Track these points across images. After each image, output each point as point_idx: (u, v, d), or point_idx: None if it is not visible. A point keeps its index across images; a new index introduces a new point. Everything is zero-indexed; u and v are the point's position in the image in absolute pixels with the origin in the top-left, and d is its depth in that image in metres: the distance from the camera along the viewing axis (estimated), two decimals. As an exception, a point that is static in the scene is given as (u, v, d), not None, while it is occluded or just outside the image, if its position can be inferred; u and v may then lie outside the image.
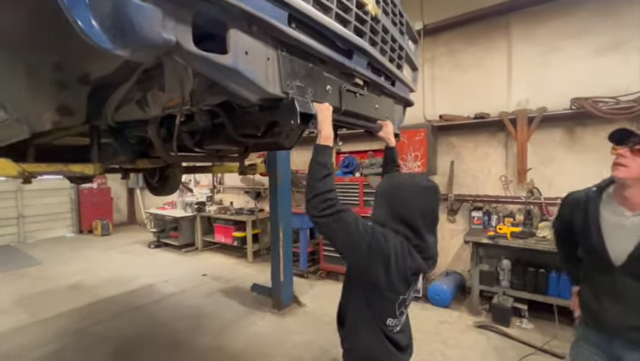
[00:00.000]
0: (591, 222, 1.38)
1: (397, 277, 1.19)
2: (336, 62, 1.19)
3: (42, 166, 1.70)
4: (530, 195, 3.74)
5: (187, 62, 0.80)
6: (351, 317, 1.34)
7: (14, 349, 3.10)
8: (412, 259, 1.21)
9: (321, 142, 1.19)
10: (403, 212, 1.24)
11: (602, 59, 3.36)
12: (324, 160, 1.17)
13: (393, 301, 1.27)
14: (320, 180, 1.14)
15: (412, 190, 1.28)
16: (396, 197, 1.28)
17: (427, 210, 1.29)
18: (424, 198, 1.28)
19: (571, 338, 3.01)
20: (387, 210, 1.28)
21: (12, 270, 5.57)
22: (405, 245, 1.21)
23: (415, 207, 1.25)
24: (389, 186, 1.34)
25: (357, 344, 1.34)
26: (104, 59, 1.27)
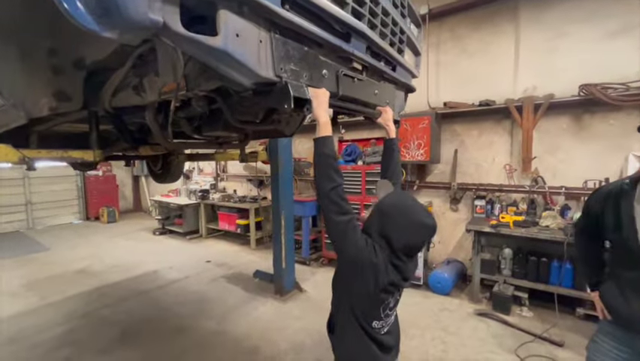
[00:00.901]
0: (624, 216, 1.33)
1: (383, 289, 1.24)
2: (332, 45, 1.16)
3: (42, 152, 1.71)
4: (534, 184, 3.70)
5: (176, 44, 0.78)
6: (339, 325, 1.38)
7: (26, 330, 3.20)
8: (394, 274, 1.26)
9: (320, 133, 1.19)
10: (393, 237, 1.27)
11: (612, 44, 3.25)
12: (330, 150, 1.20)
13: (378, 306, 1.30)
14: (335, 172, 1.18)
15: (410, 222, 1.29)
16: (393, 220, 1.29)
17: (416, 245, 1.32)
18: (419, 234, 1.31)
19: (571, 327, 3.05)
20: (379, 226, 1.30)
21: (21, 255, 5.71)
22: (386, 259, 1.25)
23: (407, 240, 1.28)
24: (391, 206, 1.35)
25: (344, 351, 1.39)
26: (98, 43, 1.26)
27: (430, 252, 4.44)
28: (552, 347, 2.78)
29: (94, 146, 1.83)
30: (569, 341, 2.82)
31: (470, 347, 2.80)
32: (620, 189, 1.38)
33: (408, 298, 3.77)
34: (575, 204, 3.54)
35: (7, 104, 1.27)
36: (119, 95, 1.55)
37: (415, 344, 2.87)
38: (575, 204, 3.53)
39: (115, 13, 0.67)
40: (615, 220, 1.36)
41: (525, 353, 2.68)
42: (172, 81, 1.12)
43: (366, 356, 1.34)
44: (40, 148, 1.91)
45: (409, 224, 1.28)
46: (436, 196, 4.47)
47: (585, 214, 1.58)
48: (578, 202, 3.52)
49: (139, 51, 1.24)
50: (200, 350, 2.84)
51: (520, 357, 2.64)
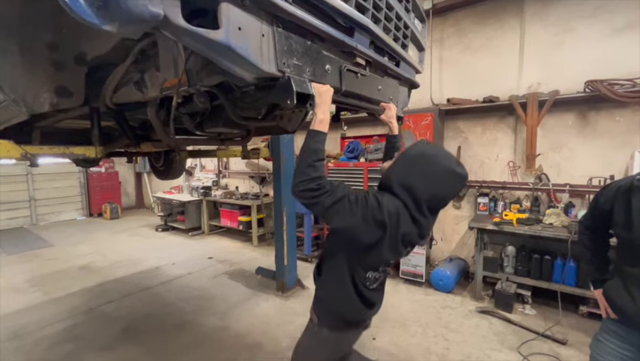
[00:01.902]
0: (634, 212, 1.31)
1: (389, 246, 1.19)
2: (336, 39, 1.14)
3: (44, 148, 1.71)
4: (538, 182, 3.67)
5: (177, 38, 0.77)
6: (328, 269, 1.37)
7: (30, 325, 3.22)
8: (406, 227, 1.19)
9: (314, 127, 1.16)
10: (418, 187, 1.19)
11: (619, 40, 3.20)
12: (316, 146, 1.15)
13: (379, 263, 1.28)
14: (309, 166, 1.12)
15: (441, 171, 1.20)
16: (419, 169, 1.21)
17: (443, 196, 1.25)
18: (448, 184, 1.22)
19: (574, 325, 3.03)
20: (402, 176, 1.22)
21: (25, 251, 5.75)
22: (401, 209, 1.18)
23: (434, 189, 1.20)
24: (419, 154, 1.26)
25: (327, 294, 1.38)
26: (99, 38, 1.26)
27: (432, 249, 4.43)
28: (555, 345, 2.77)
29: (96, 142, 1.83)
30: (572, 339, 2.81)
31: (472, 345, 2.80)
32: (630, 185, 1.35)
33: (410, 294, 3.77)
34: (579, 201, 3.51)
35: (8, 100, 1.27)
36: (121, 91, 1.55)
37: (416, 340, 2.87)
38: (580, 202, 3.51)
39: (114, 5, 0.66)
40: (625, 217, 1.34)
41: (527, 351, 2.67)
42: (173, 76, 1.11)
43: (346, 303, 1.34)
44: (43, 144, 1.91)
45: (439, 174, 1.19)
46: (439, 193, 4.44)
47: (593, 211, 1.55)
48: (583, 200, 3.49)
49: (140, 46, 1.23)
50: (202, 345, 2.85)
51: (523, 355, 2.63)
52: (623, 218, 1.36)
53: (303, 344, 1.53)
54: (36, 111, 1.32)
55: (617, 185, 1.43)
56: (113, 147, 2.30)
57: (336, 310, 1.38)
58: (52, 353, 2.78)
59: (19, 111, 1.29)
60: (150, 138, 2.33)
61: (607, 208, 1.44)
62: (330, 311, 1.40)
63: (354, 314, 1.38)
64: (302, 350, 1.54)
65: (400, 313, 3.29)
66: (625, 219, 1.35)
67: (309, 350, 1.49)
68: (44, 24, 1.23)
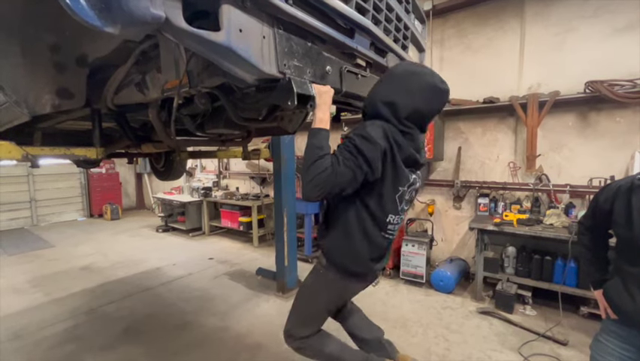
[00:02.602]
0: (634, 211, 1.31)
1: (396, 171, 1.23)
2: (336, 41, 1.15)
3: (45, 150, 1.72)
4: (539, 182, 3.67)
5: (178, 40, 0.78)
6: (341, 219, 1.35)
7: (31, 325, 3.23)
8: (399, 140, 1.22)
9: (315, 125, 1.17)
10: (400, 102, 1.22)
11: (620, 40, 3.20)
12: (319, 143, 1.16)
13: (393, 195, 1.28)
14: (315, 163, 1.13)
15: (423, 85, 1.24)
16: (402, 84, 1.24)
17: (427, 110, 1.27)
18: (430, 98, 1.25)
19: (575, 325, 3.03)
20: (385, 92, 1.25)
21: (26, 252, 5.75)
22: (386, 126, 1.21)
23: (416, 103, 1.23)
24: (402, 71, 1.30)
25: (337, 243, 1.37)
26: (100, 40, 1.26)
27: (432, 250, 4.43)
28: (556, 346, 2.76)
29: (97, 143, 1.84)
30: (572, 340, 2.80)
31: (473, 345, 2.79)
32: (631, 185, 1.36)
33: (410, 295, 3.77)
34: (579, 202, 3.51)
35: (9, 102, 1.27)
36: (122, 92, 1.56)
37: (417, 341, 2.86)
38: (580, 203, 3.50)
39: (116, 8, 0.67)
40: (626, 216, 1.34)
41: (528, 352, 2.67)
42: (175, 78, 1.12)
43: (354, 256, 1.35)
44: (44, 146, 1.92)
45: (420, 87, 1.23)
46: (439, 194, 4.45)
47: (593, 210, 1.55)
48: (583, 200, 3.49)
49: (142, 47, 1.24)
50: (203, 346, 2.85)
51: (524, 356, 2.63)
52: (623, 217, 1.36)
53: (307, 284, 1.55)
54: (37, 113, 1.33)
55: (617, 185, 1.43)
56: (114, 148, 2.31)
57: (346, 260, 1.38)
58: (53, 354, 2.79)
59: (21, 113, 1.30)
60: (151, 139, 2.34)
61: (607, 208, 1.44)
62: (338, 259, 1.40)
63: (363, 266, 1.39)
64: (306, 290, 1.56)
65: (400, 314, 3.28)
66: (625, 219, 1.35)
67: (314, 291, 1.51)
68: (46, 25, 1.24)
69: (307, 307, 1.56)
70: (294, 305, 1.60)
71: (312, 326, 1.56)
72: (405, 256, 4.09)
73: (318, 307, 1.54)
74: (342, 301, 1.57)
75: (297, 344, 1.57)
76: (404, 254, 4.09)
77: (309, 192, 1.14)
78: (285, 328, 1.61)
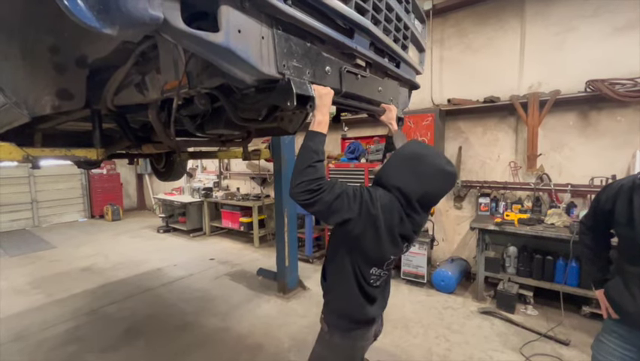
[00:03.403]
0: (636, 210, 1.30)
1: (387, 239, 1.23)
2: (336, 41, 1.14)
3: (46, 151, 1.72)
4: (540, 182, 3.66)
5: (176, 41, 0.78)
6: (332, 271, 1.39)
7: (32, 326, 3.23)
8: (401, 221, 1.24)
9: (314, 128, 1.17)
10: (410, 186, 1.23)
11: (620, 39, 3.19)
12: (316, 147, 1.15)
13: (382, 259, 1.30)
14: (309, 167, 1.13)
15: (431, 170, 1.25)
16: (411, 169, 1.26)
17: (434, 194, 1.29)
18: (439, 182, 1.27)
19: (576, 325, 3.02)
20: (393, 175, 1.27)
21: (27, 253, 5.77)
22: (395, 204, 1.23)
23: (425, 188, 1.24)
24: (411, 153, 1.31)
25: (334, 297, 1.41)
26: (100, 41, 1.26)
27: (433, 250, 4.42)
28: (557, 346, 2.76)
29: (97, 144, 1.84)
30: (574, 340, 2.80)
31: (474, 345, 2.79)
32: (632, 184, 1.35)
33: (411, 295, 3.76)
34: (581, 201, 3.50)
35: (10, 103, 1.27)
36: (122, 93, 1.55)
37: (418, 341, 2.86)
38: (581, 202, 3.50)
39: (114, 9, 0.66)
40: (627, 215, 1.34)
41: (530, 352, 2.66)
42: (174, 79, 1.11)
43: (349, 299, 1.36)
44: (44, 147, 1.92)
45: (428, 172, 1.24)
46: (440, 194, 4.44)
47: (594, 210, 1.54)
48: (585, 200, 3.48)
49: (141, 48, 1.23)
50: (204, 346, 2.85)
51: (525, 356, 2.62)
52: (624, 217, 1.35)
53: (315, 355, 1.52)
54: (37, 114, 1.33)
55: (618, 184, 1.43)
56: (115, 148, 2.31)
57: (342, 310, 1.39)
58: (54, 355, 2.79)
59: (21, 114, 1.30)
60: (151, 139, 2.34)
61: (608, 207, 1.43)
62: (337, 313, 1.41)
63: (358, 311, 1.39)
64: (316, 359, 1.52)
65: (401, 314, 3.28)
66: (627, 218, 1.34)
67: (323, 358, 1.48)
68: (46, 27, 1.24)
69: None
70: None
71: None
72: (406, 256, 4.08)
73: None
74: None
75: None
76: (405, 254, 4.09)
77: (296, 195, 1.13)
78: None
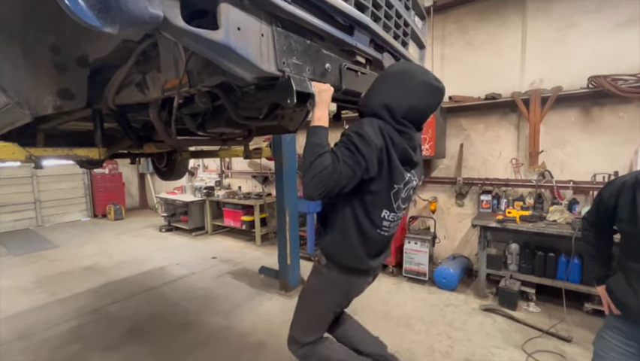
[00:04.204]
0: (639, 207, 1.30)
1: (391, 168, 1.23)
2: (335, 38, 1.14)
3: (48, 150, 1.73)
4: (542, 179, 3.65)
5: (177, 39, 0.78)
6: (338, 218, 1.36)
7: (36, 325, 3.26)
8: (395, 138, 1.23)
9: (314, 123, 1.18)
10: (396, 99, 1.24)
11: (623, 35, 3.17)
12: (319, 140, 1.16)
13: (388, 192, 1.29)
14: (314, 161, 1.13)
15: (418, 84, 1.26)
16: (396, 84, 1.26)
17: (422, 108, 1.29)
18: (426, 96, 1.27)
19: (578, 322, 3.02)
20: (379, 93, 1.27)
21: (31, 253, 5.80)
22: (382, 125, 1.22)
23: (411, 101, 1.24)
24: (395, 72, 1.32)
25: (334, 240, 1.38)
26: (101, 40, 1.26)
27: (435, 247, 4.42)
28: (559, 343, 2.76)
29: (99, 144, 1.85)
30: (576, 337, 2.79)
31: (476, 342, 2.79)
32: (635, 180, 1.35)
33: (413, 293, 3.76)
34: (583, 198, 3.49)
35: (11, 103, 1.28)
36: (123, 92, 1.56)
37: (420, 339, 2.86)
38: (583, 199, 3.49)
39: (115, 8, 0.67)
40: (630, 211, 1.34)
41: (532, 349, 2.66)
42: (174, 77, 1.12)
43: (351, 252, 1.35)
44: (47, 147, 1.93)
45: (415, 85, 1.25)
46: (442, 191, 4.44)
47: (597, 206, 1.54)
48: (587, 196, 3.47)
49: (141, 47, 1.24)
50: (207, 345, 2.86)
51: (527, 352, 2.62)
52: (627, 213, 1.35)
53: (310, 286, 1.52)
54: (39, 114, 1.34)
55: (621, 180, 1.42)
56: (116, 148, 2.32)
57: (343, 257, 1.39)
58: (58, 354, 2.81)
59: (23, 114, 1.31)
60: (152, 138, 2.35)
61: (611, 204, 1.43)
62: (337, 257, 1.40)
63: (359, 263, 1.39)
64: (309, 292, 1.53)
65: (403, 312, 3.28)
66: (630, 214, 1.34)
67: (317, 292, 1.49)
68: (46, 27, 1.25)
69: (312, 309, 1.53)
70: (297, 311, 1.57)
71: (317, 331, 1.53)
72: (407, 254, 4.09)
73: (323, 308, 1.51)
74: (347, 301, 1.54)
75: (303, 351, 1.53)
76: (407, 252, 4.09)
77: (311, 191, 1.13)
78: (290, 335, 1.57)
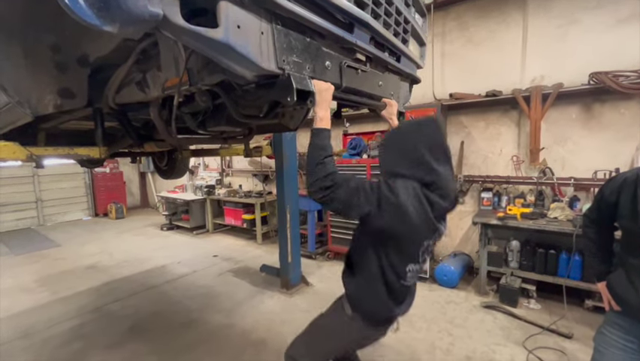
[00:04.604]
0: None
1: (420, 225, 1.22)
2: (335, 36, 1.14)
3: (49, 150, 1.73)
4: (542, 176, 3.65)
5: (176, 38, 0.78)
6: (364, 265, 1.36)
7: (38, 324, 3.27)
8: (429, 201, 1.23)
9: (317, 125, 1.19)
10: (408, 150, 1.27)
11: (624, 31, 3.16)
12: (322, 143, 1.18)
13: (417, 249, 1.30)
14: (319, 164, 1.15)
15: (409, 128, 1.34)
16: (397, 139, 1.34)
17: (431, 142, 1.30)
18: (424, 131, 1.31)
19: (579, 319, 3.02)
20: (393, 156, 1.31)
21: (33, 252, 5.83)
22: (417, 190, 1.21)
23: (417, 143, 1.27)
24: (390, 134, 1.42)
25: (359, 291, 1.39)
26: (101, 39, 1.26)
27: (436, 245, 4.42)
28: (560, 339, 2.76)
29: (99, 143, 1.85)
30: (577, 333, 2.80)
31: (477, 340, 2.80)
32: (636, 177, 1.35)
33: (414, 291, 3.77)
34: (584, 195, 3.48)
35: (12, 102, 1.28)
36: (123, 91, 1.56)
37: (421, 336, 2.87)
38: (585, 196, 3.48)
39: (114, 6, 0.67)
40: (631, 208, 1.33)
41: (533, 345, 2.67)
42: (174, 76, 1.12)
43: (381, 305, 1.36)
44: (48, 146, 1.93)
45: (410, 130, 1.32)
46: (442, 189, 4.43)
47: (598, 203, 1.54)
48: (588, 193, 3.46)
49: (142, 46, 1.24)
50: (208, 343, 2.87)
51: (528, 349, 2.63)
52: (629, 209, 1.35)
53: (328, 323, 1.52)
54: (40, 113, 1.34)
55: (622, 177, 1.42)
56: (117, 147, 2.32)
57: (369, 305, 1.40)
58: (60, 352, 2.83)
59: (24, 113, 1.31)
60: (153, 137, 2.35)
61: (612, 200, 1.43)
62: (363, 303, 1.41)
63: (386, 311, 1.40)
64: (326, 328, 1.53)
65: (404, 309, 3.29)
66: (631, 210, 1.34)
67: (334, 332, 1.49)
68: (46, 26, 1.24)
69: (321, 343, 1.54)
70: (306, 334, 1.57)
71: (318, 360, 1.56)
72: (408, 252, 4.08)
73: (333, 347, 1.54)
74: (358, 348, 1.58)
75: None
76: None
77: (313, 195, 1.17)
78: (289, 352, 1.57)
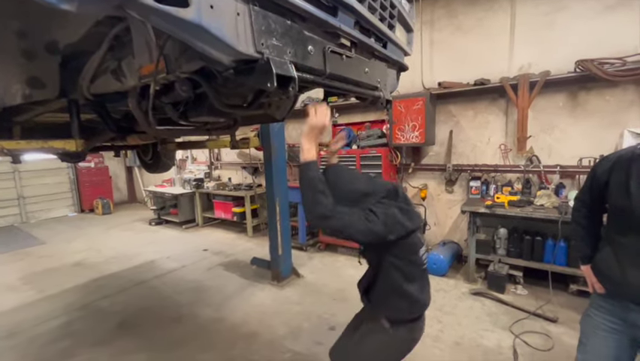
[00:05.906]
0: (633, 180, 1.29)
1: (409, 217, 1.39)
2: (318, 19, 1.09)
3: (22, 143, 1.65)
4: (529, 164, 3.69)
5: (144, 17, 0.72)
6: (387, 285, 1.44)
7: (24, 323, 3.20)
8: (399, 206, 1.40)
9: (305, 157, 1.28)
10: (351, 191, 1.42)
11: (611, 18, 3.17)
12: (318, 175, 1.27)
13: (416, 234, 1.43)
14: (319, 193, 1.24)
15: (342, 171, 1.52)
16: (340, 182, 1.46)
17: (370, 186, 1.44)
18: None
19: (564, 303, 3.10)
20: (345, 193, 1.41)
21: (16, 250, 5.68)
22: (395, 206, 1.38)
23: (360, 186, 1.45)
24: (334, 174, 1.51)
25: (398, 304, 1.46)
26: (69, 24, 1.19)
27: (425, 234, 4.46)
28: (546, 323, 2.83)
29: (75, 135, 1.77)
30: (562, 317, 2.87)
31: (466, 326, 2.85)
32: (631, 155, 1.34)
33: (404, 280, 3.80)
34: (569, 182, 3.54)
35: (-24, 92, 1.21)
36: (98, 81, 1.48)
37: (411, 324, 2.90)
38: (570, 183, 3.54)
39: (72, -18, 0.61)
40: (624, 184, 1.33)
41: (519, 330, 2.73)
42: (148, 62, 1.06)
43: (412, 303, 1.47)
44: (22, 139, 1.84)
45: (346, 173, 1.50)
46: (432, 178, 4.46)
47: (590, 183, 1.53)
48: (573, 180, 3.52)
49: (114, 31, 1.17)
50: (198, 337, 2.85)
51: (515, 334, 2.69)
52: (620, 186, 1.34)
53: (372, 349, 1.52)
54: (8, 104, 1.27)
55: (617, 155, 1.42)
56: (97, 140, 2.23)
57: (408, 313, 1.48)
58: (48, 350, 2.77)
59: (-11, 104, 1.23)
60: (134, 129, 2.27)
61: (604, 180, 1.43)
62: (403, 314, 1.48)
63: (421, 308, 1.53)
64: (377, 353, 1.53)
65: (394, 298, 3.32)
66: (623, 187, 1.33)
67: (380, 354, 1.51)
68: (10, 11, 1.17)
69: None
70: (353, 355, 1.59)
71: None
72: (398, 241, 4.11)
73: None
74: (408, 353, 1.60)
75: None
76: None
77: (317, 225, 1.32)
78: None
